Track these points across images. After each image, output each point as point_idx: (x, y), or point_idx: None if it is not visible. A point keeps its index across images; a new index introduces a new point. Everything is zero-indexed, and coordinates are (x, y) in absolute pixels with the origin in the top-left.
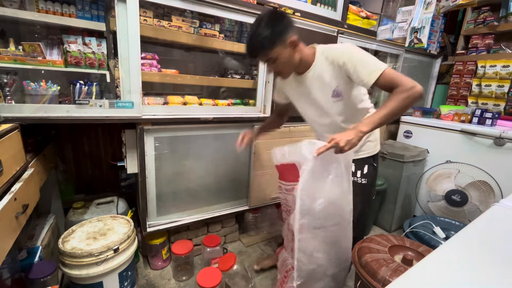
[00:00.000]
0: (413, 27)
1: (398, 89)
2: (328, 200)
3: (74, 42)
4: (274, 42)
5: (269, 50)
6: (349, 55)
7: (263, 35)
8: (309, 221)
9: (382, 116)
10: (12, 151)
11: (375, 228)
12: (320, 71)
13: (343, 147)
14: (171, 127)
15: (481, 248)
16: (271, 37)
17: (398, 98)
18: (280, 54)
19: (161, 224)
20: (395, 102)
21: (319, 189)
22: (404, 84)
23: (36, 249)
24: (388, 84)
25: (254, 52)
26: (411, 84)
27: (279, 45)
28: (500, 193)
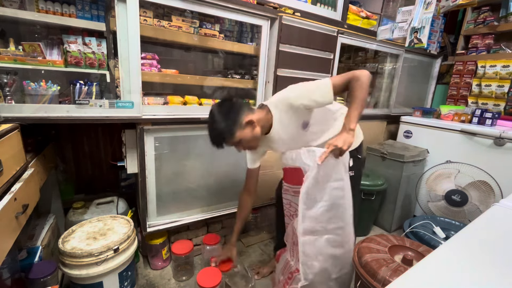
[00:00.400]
0: (413, 27)
1: (352, 82)
2: (331, 204)
3: (74, 42)
4: (231, 130)
5: (230, 139)
6: (299, 94)
7: (219, 129)
8: (313, 225)
9: (358, 107)
10: (12, 151)
11: (375, 228)
12: (281, 122)
13: (342, 148)
14: (171, 127)
15: (481, 248)
16: (227, 128)
17: (357, 86)
18: (241, 137)
19: (161, 224)
20: (358, 90)
21: (321, 193)
22: (351, 76)
23: (36, 249)
24: (342, 86)
25: (218, 144)
26: (357, 73)
27: (237, 130)
28: (500, 193)
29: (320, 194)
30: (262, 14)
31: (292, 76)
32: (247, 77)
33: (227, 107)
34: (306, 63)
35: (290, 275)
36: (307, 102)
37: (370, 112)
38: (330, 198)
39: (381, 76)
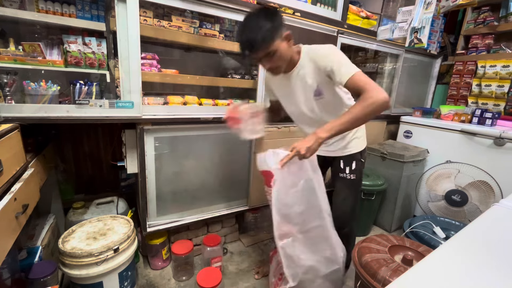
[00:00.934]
0: (413, 27)
1: (364, 96)
2: (304, 205)
3: (74, 42)
4: (274, 34)
5: (271, 42)
6: (330, 56)
7: (264, 28)
8: (288, 228)
9: (344, 122)
10: (12, 151)
11: (375, 228)
12: (304, 71)
13: (304, 155)
14: (171, 127)
15: (481, 248)
16: (272, 29)
17: (363, 105)
18: (278, 47)
19: (161, 224)
20: (359, 108)
21: (292, 196)
22: (371, 91)
23: (36, 249)
24: (356, 87)
25: (255, 46)
26: (377, 92)
27: (278, 38)
28: (500, 193)
29: (291, 197)
30: None
31: None
32: (247, 77)
33: (273, 13)
34: None
35: (280, 276)
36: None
37: None
38: (302, 200)
39: (381, 76)
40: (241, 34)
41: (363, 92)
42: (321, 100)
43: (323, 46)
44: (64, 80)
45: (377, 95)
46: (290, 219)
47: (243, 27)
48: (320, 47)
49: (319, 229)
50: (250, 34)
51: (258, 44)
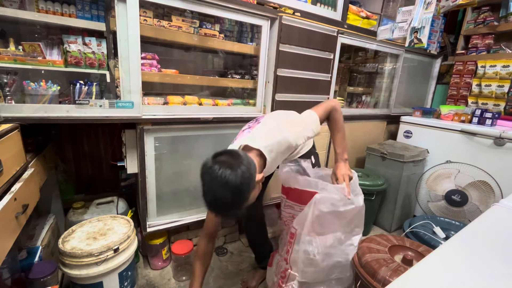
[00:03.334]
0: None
1: (332, 113)
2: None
3: (74, 42)
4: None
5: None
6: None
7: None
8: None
9: (344, 137)
10: (12, 151)
11: (375, 228)
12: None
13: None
14: (171, 127)
15: (481, 248)
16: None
17: (338, 116)
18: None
19: (161, 224)
20: (339, 122)
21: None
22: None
23: (36, 249)
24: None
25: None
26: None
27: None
28: (500, 193)
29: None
30: (262, 14)
31: (292, 76)
32: (247, 77)
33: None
34: (306, 63)
35: (283, 274)
36: (302, 140)
37: (370, 112)
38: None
39: (381, 76)
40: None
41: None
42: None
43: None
44: (64, 80)
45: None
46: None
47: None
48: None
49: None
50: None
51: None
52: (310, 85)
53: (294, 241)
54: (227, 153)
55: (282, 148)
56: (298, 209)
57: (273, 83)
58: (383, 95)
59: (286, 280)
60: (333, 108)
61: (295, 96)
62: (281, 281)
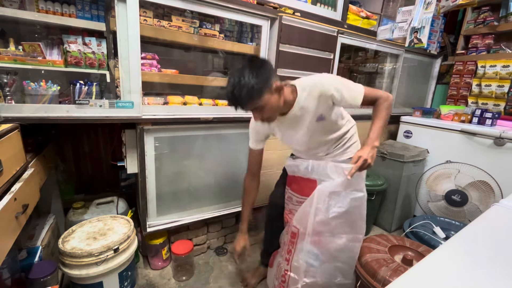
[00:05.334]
0: (413, 27)
1: (380, 101)
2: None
3: (74, 42)
4: (261, 90)
5: (258, 99)
6: (335, 85)
7: (249, 85)
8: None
9: (382, 126)
10: (12, 151)
11: (375, 228)
12: (304, 106)
13: (370, 163)
14: (171, 127)
15: (481, 248)
16: (259, 85)
17: (384, 107)
18: (268, 101)
19: (161, 224)
20: (383, 111)
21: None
22: (382, 95)
23: (36, 249)
24: (370, 100)
25: (241, 103)
26: (386, 94)
27: (266, 93)
28: (500, 193)
29: (336, 201)
30: (262, 14)
31: (292, 76)
32: None
33: (259, 63)
34: (306, 63)
35: (283, 277)
36: (338, 95)
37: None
38: (345, 205)
39: (381, 76)
40: (228, 89)
41: (377, 99)
42: (322, 123)
43: (321, 78)
44: (64, 80)
45: (389, 96)
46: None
47: (229, 82)
48: (318, 79)
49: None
50: (236, 89)
51: (243, 102)
52: None
53: (297, 241)
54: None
55: (315, 92)
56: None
57: None
58: None
59: (287, 285)
60: (382, 97)
61: None
62: (281, 286)
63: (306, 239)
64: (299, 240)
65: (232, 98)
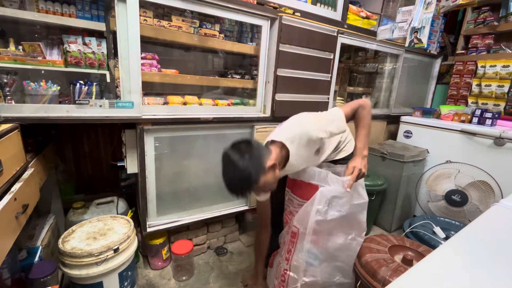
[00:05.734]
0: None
1: (359, 110)
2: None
3: (74, 42)
4: (256, 178)
5: (255, 186)
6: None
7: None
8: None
9: (366, 134)
10: (12, 151)
11: (375, 228)
12: (297, 154)
13: (364, 173)
14: (171, 127)
15: (481, 248)
16: (252, 176)
17: (364, 115)
18: (264, 182)
19: (161, 224)
20: (365, 119)
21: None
22: (358, 105)
23: (36, 249)
24: (351, 116)
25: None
26: (362, 102)
27: (261, 177)
28: (500, 193)
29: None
30: (262, 14)
31: (292, 76)
32: (247, 77)
33: (248, 152)
34: (306, 63)
35: (283, 277)
36: (324, 135)
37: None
38: (346, 210)
39: (381, 76)
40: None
41: (356, 110)
42: (322, 151)
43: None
44: (64, 80)
45: (364, 103)
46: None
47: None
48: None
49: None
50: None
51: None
52: (310, 85)
53: (297, 241)
54: (242, 142)
55: (304, 141)
56: (297, 204)
57: (273, 83)
58: (383, 95)
59: (286, 285)
60: (360, 105)
61: (295, 96)
62: (281, 285)
63: (306, 239)
64: (299, 240)
65: (231, 191)
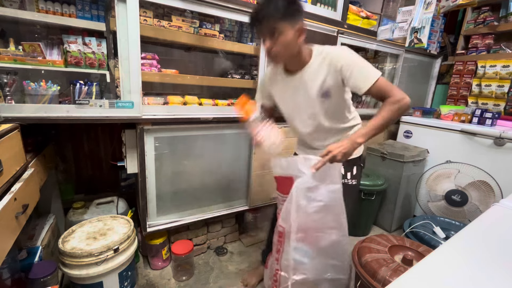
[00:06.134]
0: (413, 27)
1: (390, 100)
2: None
3: (74, 42)
4: (285, 15)
5: (278, 20)
6: (348, 59)
7: (277, 4)
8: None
9: (377, 127)
10: (12, 151)
11: (375, 228)
12: (315, 71)
13: (339, 159)
14: (171, 127)
15: (481, 248)
16: (285, 9)
17: (391, 108)
18: (285, 32)
19: (161, 224)
20: (388, 112)
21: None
22: (396, 94)
23: (36, 249)
24: (380, 93)
25: (261, 17)
26: (401, 95)
27: (288, 22)
28: (500, 193)
29: (314, 194)
30: None
31: None
32: (247, 77)
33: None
34: None
35: (274, 277)
36: (347, 70)
37: (370, 112)
38: (324, 199)
39: None
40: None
41: (389, 96)
42: (326, 102)
43: (339, 48)
44: (64, 80)
45: (404, 99)
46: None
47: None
48: (336, 49)
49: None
50: (262, 4)
51: (264, 16)
52: None
53: (283, 240)
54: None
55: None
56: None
57: None
58: None
59: (278, 285)
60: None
61: None
62: (274, 285)
63: (292, 237)
64: (285, 239)
65: (255, 9)
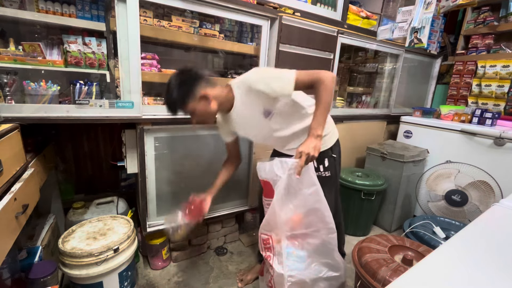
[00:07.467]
0: (413, 27)
1: (316, 85)
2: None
3: (74, 42)
4: (184, 100)
5: (182, 105)
6: (260, 77)
7: (173, 96)
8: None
9: (323, 112)
10: (12, 151)
11: (375, 228)
12: (242, 103)
13: (313, 155)
14: (171, 127)
15: (481, 248)
16: (180, 97)
17: (322, 89)
18: (193, 109)
19: (161, 224)
20: (322, 94)
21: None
22: (317, 77)
23: (36, 249)
24: (305, 85)
25: (171, 110)
26: (322, 75)
27: (190, 101)
28: (500, 193)
29: (295, 201)
30: (262, 14)
31: None
32: None
33: (183, 77)
34: (306, 63)
35: (269, 283)
36: (265, 88)
37: (370, 112)
38: (306, 205)
39: (381, 76)
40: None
41: (315, 82)
42: (275, 116)
43: (249, 72)
44: (64, 80)
45: (325, 77)
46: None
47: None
48: (247, 74)
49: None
50: (166, 100)
51: (172, 109)
52: None
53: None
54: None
55: (245, 88)
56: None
57: None
58: (383, 95)
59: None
60: (318, 79)
61: None
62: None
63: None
64: (275, 244)
65: (164, 103)
